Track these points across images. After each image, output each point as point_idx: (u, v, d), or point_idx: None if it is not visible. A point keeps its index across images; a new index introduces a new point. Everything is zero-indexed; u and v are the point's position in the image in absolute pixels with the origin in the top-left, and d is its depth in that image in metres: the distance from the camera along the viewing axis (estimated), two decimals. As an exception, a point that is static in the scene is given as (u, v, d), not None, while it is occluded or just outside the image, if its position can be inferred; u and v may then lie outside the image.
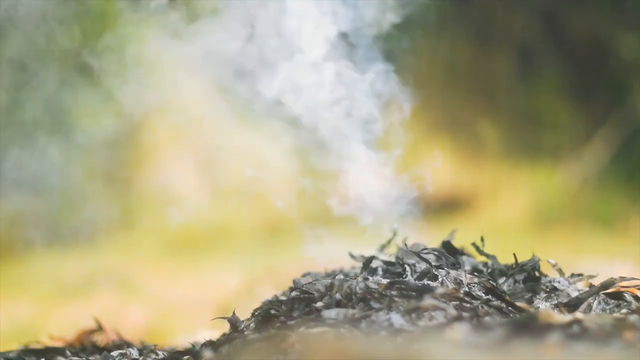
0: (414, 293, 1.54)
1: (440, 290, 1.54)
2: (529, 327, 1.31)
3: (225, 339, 1.63)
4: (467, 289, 1.60)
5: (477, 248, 1.86)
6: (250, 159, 2.12)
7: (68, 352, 1.91)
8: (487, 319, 1.49)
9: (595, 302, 1.64)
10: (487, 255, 1.84)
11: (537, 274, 1.76)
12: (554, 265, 1.80)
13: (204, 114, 2.12)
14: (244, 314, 1.71)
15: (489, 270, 1.79)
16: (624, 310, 1.61)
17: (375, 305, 1.52)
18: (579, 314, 1.51)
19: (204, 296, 3.89)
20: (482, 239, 1.87)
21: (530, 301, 1.69)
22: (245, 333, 1.61)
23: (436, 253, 1.76)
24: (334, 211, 2.11)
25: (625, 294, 1.65)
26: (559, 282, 1.73)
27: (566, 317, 1.37)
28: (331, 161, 2.13)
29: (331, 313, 1.52)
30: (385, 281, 1.61)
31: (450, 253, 1.80)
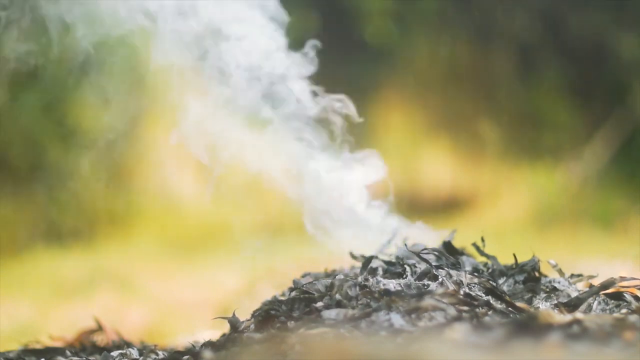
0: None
1: (440, 290, 1.54)
2: (529, 327, 1.31)
3: (225, 340, 1.63)
4: (467, 290, 1.60)
5: (478, 248, 1.86)
6: (250, 158, 2.12)
7: (68, 352, 1.91)
8: (487, 319, 1.49)
9: (595, 302, 1.64)
10: (487, 256, 1.84)
11: (537, 274, 1.76)
12: (554, 266, 1.80)
13: (204, 114, 2.13)
14: (243, 315, 1.71)
15: (489, 271, 1.79)
16: (624, 310, 1.61)
17: (375, 305, 1.52)
18: (579, 314, 1.51)
19: (204, 296, 3.89)
20: (482, 239, 1.87)
21: (530, 301, 1.69)
22: (245, 334, 1.61)
23: (436, 253, 1.76)
24: (335, 211, 2.11)
25: (625, 294, 1.65)
26: (558, 282, 1.73)
27: (566, 317, 1.37)
28: (331, 160, 2.13)
29: (331, 313, 1.52)
30: (385, 283, 1.61)
31: (450, 253, 1.80)
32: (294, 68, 2.04)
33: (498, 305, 1.57)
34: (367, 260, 1.73)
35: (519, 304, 1.61)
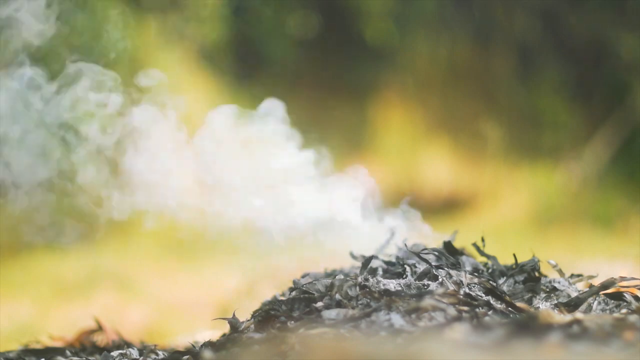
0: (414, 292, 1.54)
1: (440, 290, 1.54)
2: (529, 327, 1.31)
3: (225, 340, 1.63)
4: (467, 290, 1.60)
5: (478, 248, 1.86)
6: (251, 157, 2.12)
7: (68, 352, 1.91)
8: (487, 319, 1.49)
9: (595, 302, 1.64)
10: (488, 256, 1.84)
11: (536, 274, 1.76)
12: (554, 266, 1.80)
13: (204, 113, 2.13)
14: (243, 315, 1.71)
15: (489, 271, 1.78)
16: (624, 310, 1.61)
17: (375, 305, 1.52)
18: (579, 314, 1.51)
19: (204, 296, 3.89)
20: (482, 240, 1.87)
21: (530, 301, 1.69)
22: (245, 334, 1.61)
23: (436, 253, 1.76)
24: (335, 211, 2.11)
25: (625, 294, 1.65)
26: (558, 282, 1.73)
27: (566, 317, 1.37)
28: (331, 162, 2.13)
29: (331, 313, 1.52)
30: (385, 283, 1.61)
31: (450, 253, 1.80)
32: None
33: (498, 305, 1.57)
34: (367, 260, 1.73)
35: (519, 304, 1.61)
